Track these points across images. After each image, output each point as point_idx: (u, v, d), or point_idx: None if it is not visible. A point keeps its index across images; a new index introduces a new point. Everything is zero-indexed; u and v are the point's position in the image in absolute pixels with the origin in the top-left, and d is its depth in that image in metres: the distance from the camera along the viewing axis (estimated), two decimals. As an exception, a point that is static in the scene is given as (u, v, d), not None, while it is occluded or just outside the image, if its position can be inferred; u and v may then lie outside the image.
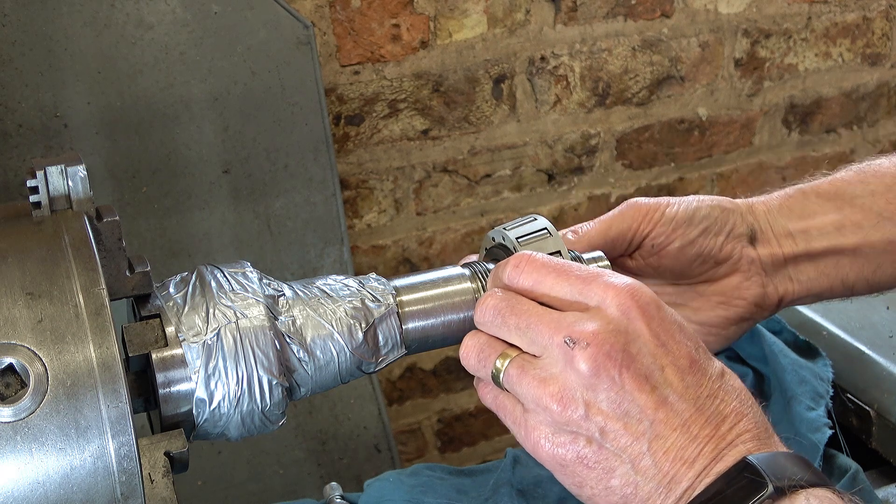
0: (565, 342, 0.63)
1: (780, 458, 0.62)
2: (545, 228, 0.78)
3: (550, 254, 0.77)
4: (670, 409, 0.62)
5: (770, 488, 0.59)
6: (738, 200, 0.91)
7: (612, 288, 0.65)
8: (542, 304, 0.68)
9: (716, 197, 0.90)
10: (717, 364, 0.66)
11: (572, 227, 0.87)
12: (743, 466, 0.61)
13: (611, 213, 0.88)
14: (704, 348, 0.66)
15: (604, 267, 0.81)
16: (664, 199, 0.88)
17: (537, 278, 0.68)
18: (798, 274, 0.90)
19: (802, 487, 0.60)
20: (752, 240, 0.89)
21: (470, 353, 0.70)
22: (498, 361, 0.67)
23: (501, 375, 0.67)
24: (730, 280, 0.89)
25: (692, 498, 0.61)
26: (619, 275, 0.67)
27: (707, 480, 0.61)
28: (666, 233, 0.86)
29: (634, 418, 0.62)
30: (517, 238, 0.77)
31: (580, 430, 0.63)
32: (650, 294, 0.65)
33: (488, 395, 0.70)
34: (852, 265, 0.90)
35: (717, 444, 0.62)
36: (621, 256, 0.89)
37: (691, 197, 0.89)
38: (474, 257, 0.84)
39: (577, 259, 0.81)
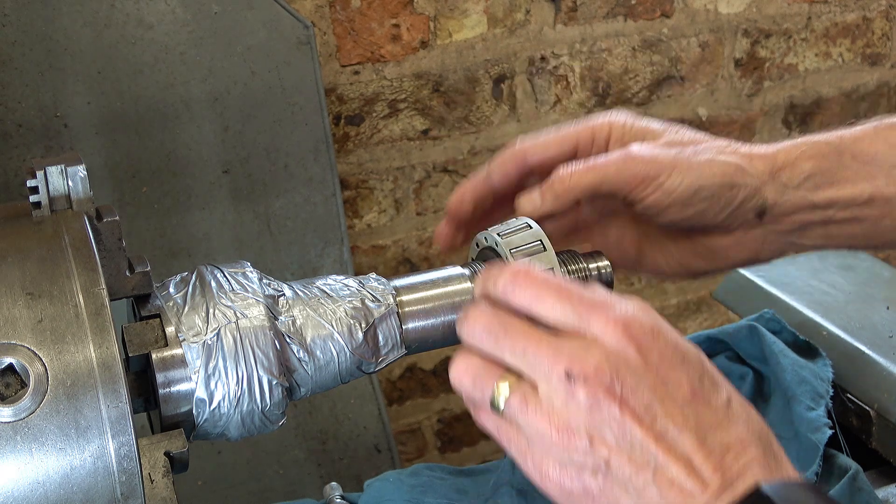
0: (566, 374, 0.62)
1: (793, 487, 0.61)
2: (539, 241, 0.77)
3: (530, 243, 0.76)
4: (670, 442, 0.61)
5: None
6: (759, 164, 0.82)
7: (612, 318, 0.63)
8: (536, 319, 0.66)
9: (730, 166, 0.81)
10: (724, 392, 0.64)
11: (561, 174, 0.81)
12: (756, 497, 0.60)
13: (606, 161, 0.81)
14: (710, 375, 0.64)
15: (603, 266, 0.81)
16: (668, 164, 0.80)
17: (536, 295, 0.65)
18: (804, 239, 0.86)
19: None
20: (761, 214, 0.84)
21: (463, 378, 0.66)
22: (497, 388, 0.65)
23: (502, 405, 0.65)
24: (721, 240, 0.85)
25: None
26: (620, 300, 0.65)
27: None
28: (659, 206, 0.81)
29: (638, 449, 0.61)
30: (511, 250, 0.76)
31: (586, 462, 0.63)
32: (650, 324, 0.64)
33: (488, 423, 0.67)
34: (865, 234, 0.85)
35: (724, 475, 0.61)
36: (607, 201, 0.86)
37: (702, 163, 0.81)
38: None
39: (575, 258, 0.80)
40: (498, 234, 0.77)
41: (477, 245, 0.82)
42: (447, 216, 0.88)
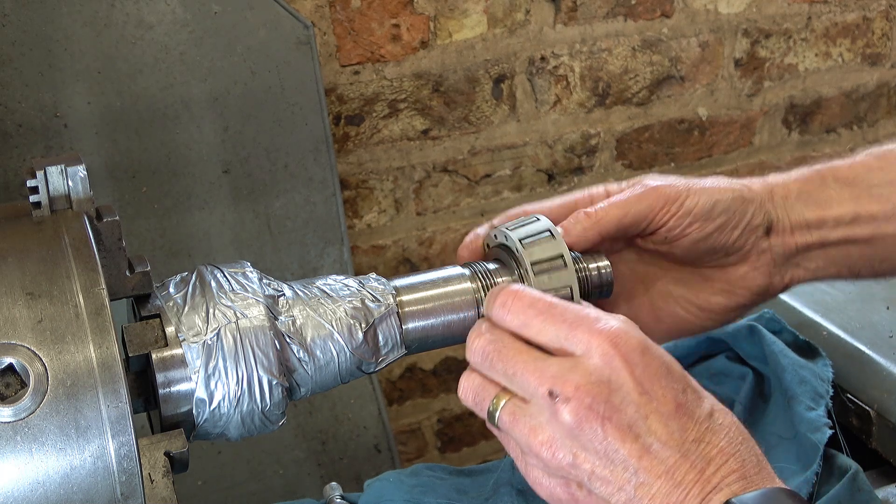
0: (549, 394, 0.65)
1: (767, 497, 0.62)
2: (548, 230, 0.78)
3: (553, 258, 0.77)
4: (654, 457, 0.63)
5: None
6: (756, 185, 0.88)
7: (595, 336, 0.65)
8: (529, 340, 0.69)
9: (736, 183, 0.87)
10: (707, 404, 0.66)
11: (586, 210, 0.84)
12: None
13: (628, 195, 0.84)
14: (693, 387, 0.66)
15: (603, 266, 0.81)
16: (684, 188, 0.84)
17: (524, 320, 0.69)
18: (807, 262, 0.89)
19: None
20: (768, 230, 0.87)
21: (467, 394, 0.71)
22: (492, 404, 0.69)
23: (496, 419, 0.69)
24: (737, 269, 0.88)
25: None
26: (605, 317, 0.67)
27: None
28: (681, 226, 0.84)
29: (619, 466, 0.63)
30: (520, 240, 0.77)
31: (570, 476, 0.65)
32: (635, 338, 0.66)
33: (494, 430, 0.71)
34: (862, 255, 0.88)
35: (702, 488, 0.63)
36: (633, 237, 0.87)
37: (711, 183, 0.85)
38: (469, 237, 0.84)
39: (577, 260, 0.80)
40: (507, 229, 0.79)
41: (488, 244, 0.82)
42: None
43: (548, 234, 0.77)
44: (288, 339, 0.71)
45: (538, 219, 0.79)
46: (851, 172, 0.89)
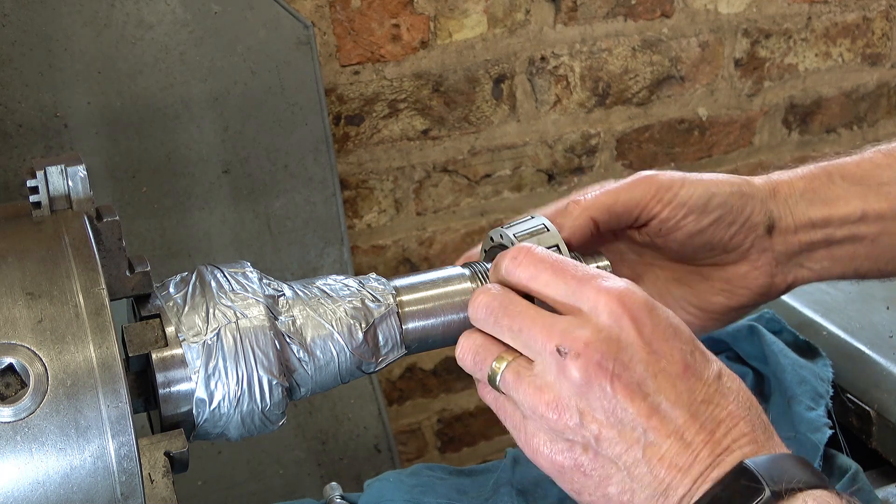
0: (557, 350, 0.63)
1: (778, 461, 0.61)
2: (542, 224, 0.78)
3: (548, 248, 0.77)
4: (663, 416, 0.62)
5: (767, 492, 0.59)
6: (759, 181, 0.86)
7: (604, 293, 0.64)
8: (536, 299, 0.68)
9: (736, 178, 0.85)
10: (715, 367, 0.65)
11: (574, 197, 0.83)
12: (740, 471, 0.60)
13: (620, 182, 0.83)
14: (701, 349, 0.65)
15: (603, 266, 0.81)
16: (679, 178, 0.83)
17: (533, 273, 0.68)
18: (811, 262, 0.87)
19: (800, 490, 0.60)
20: (770, 229, 0.85)
21: (466, 354, 0.69)
22: (494, 364, 0.67)
23: (498, 380, 0.67)
24: (737, 268, 0.86)
25: None
26: (613, 277, 0.66)
27: (704, 487, 0.61)
28: (676, 218, 0.83)
29: (628, 426, 0.62)
30: (515, 235, 0.77)
31: (576, 438, 0.64)
32: (643, 298, 0.65)
33: (488, 396, 0.70)
34: (868, 254, 0.87)
35: (712, 450, 0.62)
36: (627, 228, 0.86)
37: (709, 177, 0.84)
38: (476, 251, 0.84)
39: (575, 258, 0.81)
40: (503, 227, 0.79)
41: (485, 248, 0.82)
42: None
43: (542, 226, 0.78)
44: (288, 339, 0.71)
45: (533, 217, 0.80)
46: (859, 170, 0.87)
